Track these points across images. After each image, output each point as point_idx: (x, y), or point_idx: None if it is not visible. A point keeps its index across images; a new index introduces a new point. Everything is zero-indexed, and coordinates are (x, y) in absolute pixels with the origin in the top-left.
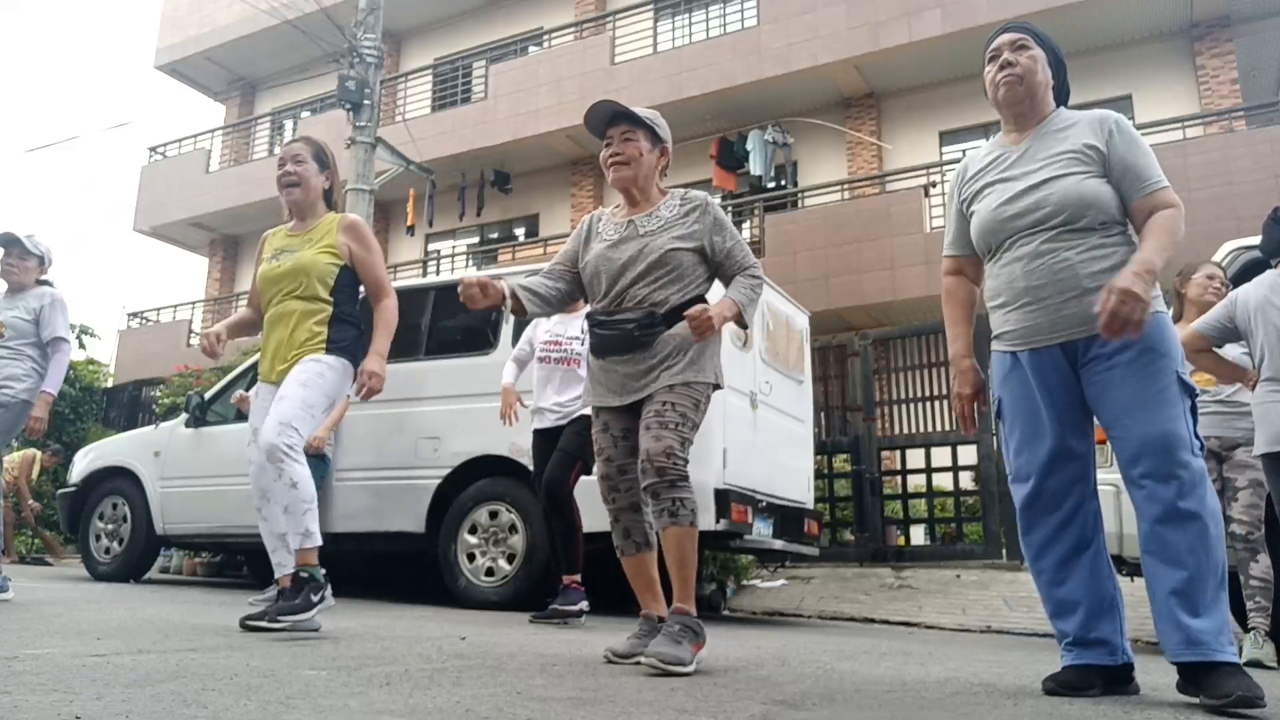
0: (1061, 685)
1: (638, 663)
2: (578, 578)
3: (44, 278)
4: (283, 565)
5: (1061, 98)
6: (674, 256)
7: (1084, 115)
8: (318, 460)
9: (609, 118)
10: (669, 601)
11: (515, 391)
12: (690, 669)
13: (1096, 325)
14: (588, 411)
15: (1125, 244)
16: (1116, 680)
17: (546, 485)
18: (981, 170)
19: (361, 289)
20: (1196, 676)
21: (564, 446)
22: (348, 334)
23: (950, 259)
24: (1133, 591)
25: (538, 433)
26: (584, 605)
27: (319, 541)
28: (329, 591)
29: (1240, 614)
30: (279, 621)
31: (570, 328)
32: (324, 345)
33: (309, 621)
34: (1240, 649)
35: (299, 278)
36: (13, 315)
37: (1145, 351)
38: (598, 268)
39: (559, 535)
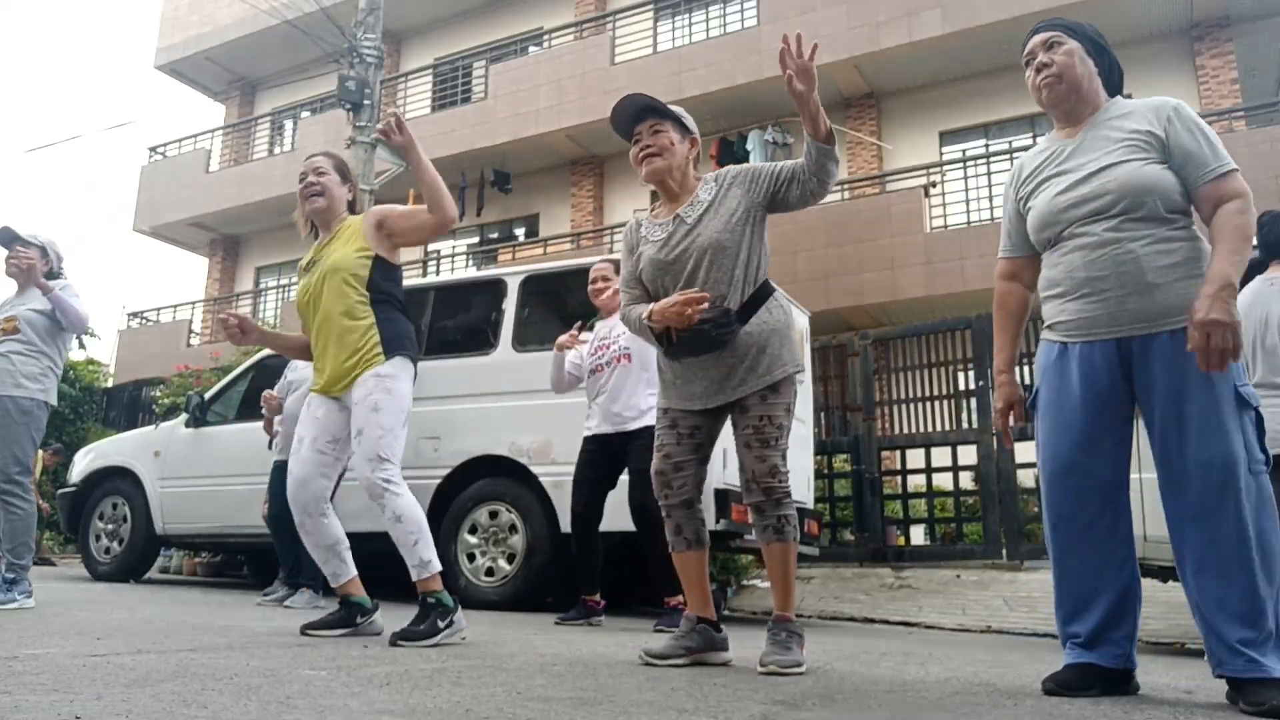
0: (1061, 685)
1: (673, 665)
2: (682, 597)
3: (59, 273)
4: (337, 575)
5: (1114, 82)
6: (728, 242)
7: (1141, 103)
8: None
9: (635, 114)
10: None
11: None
12: (804, 668)
13: (1192, 352)
14: (650, 422)
15: (1191, 238)
16: (1116, 683)
17: (642, 510)
18: (1038, 167)
19: (396, 284)
20: (1240, 687)
21: (643, 467)
22: (394, 319)
23: (1005, 261)
24: (1147, 593)
25: (590, 439)
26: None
27: (438, 568)
28: (459, 615)
29: None
30: (400, 643)
31: (615, 328)
32: (380, 350)
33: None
34: None
35: (332, 276)
36: (27, 309)
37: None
38: (655, 271)
39: (657, 556)
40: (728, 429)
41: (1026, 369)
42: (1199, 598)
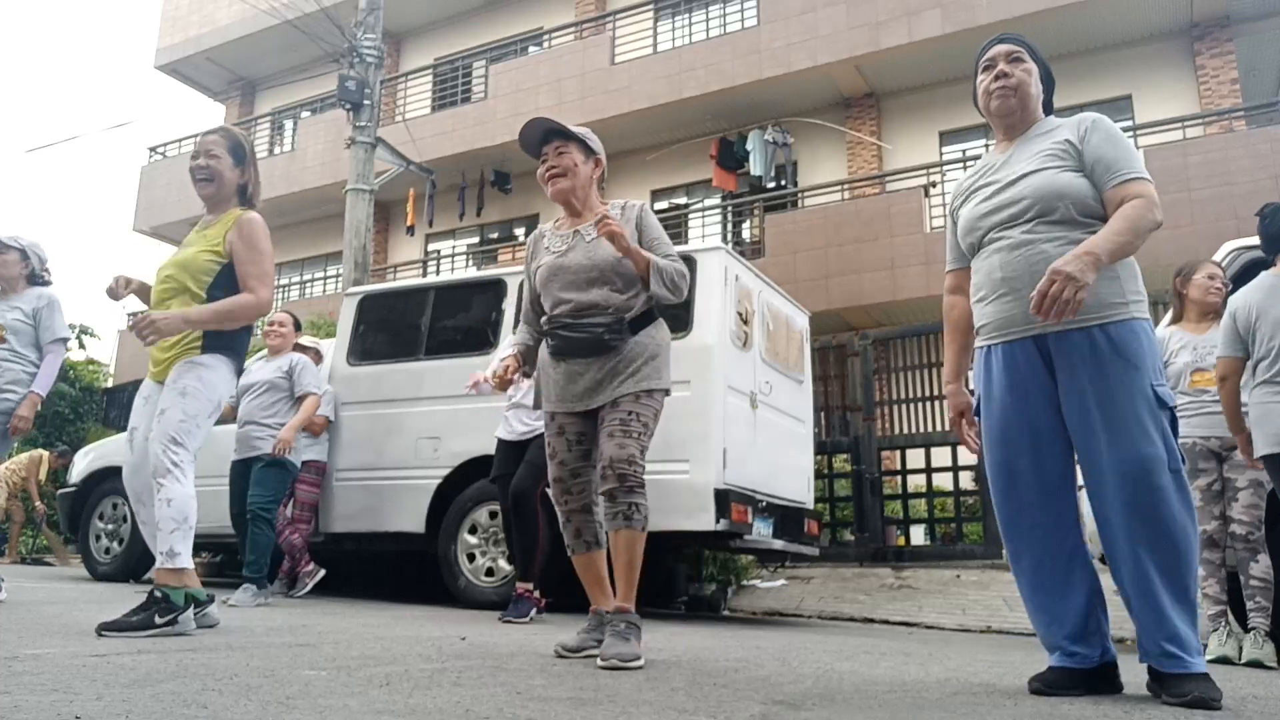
0: (1048, 685)
1: (589, 656)
2: (530, 586)
3: (43, 276)
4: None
5: (1047, 111)
6: (624, 265)
7: (1067, 120)
8: (279, 468)
9: (542, 136)
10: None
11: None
12: (641, 661)
13: (1097, 336)
14: None
15: None
16: (1101, 679)
17: (515, 496)
18: (970, 181)
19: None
20: (1162, 679)
21: (533, 459)
22: (222, 333)
23: (950, 275)
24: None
25: (504, 443)
26: (533, 615)
27: (186, 565)
28: (187, 616)
29: (1240, 614)
30: (104, 635)
31: None
32: (199, 344)
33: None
34: (1240, 649)
35: (176, 274)
36: (12, 318)
37: (1119, 363)
38: (550, 276)
39: (520, 545)
40: (728, 429)
41: None
42: (1130, 593)
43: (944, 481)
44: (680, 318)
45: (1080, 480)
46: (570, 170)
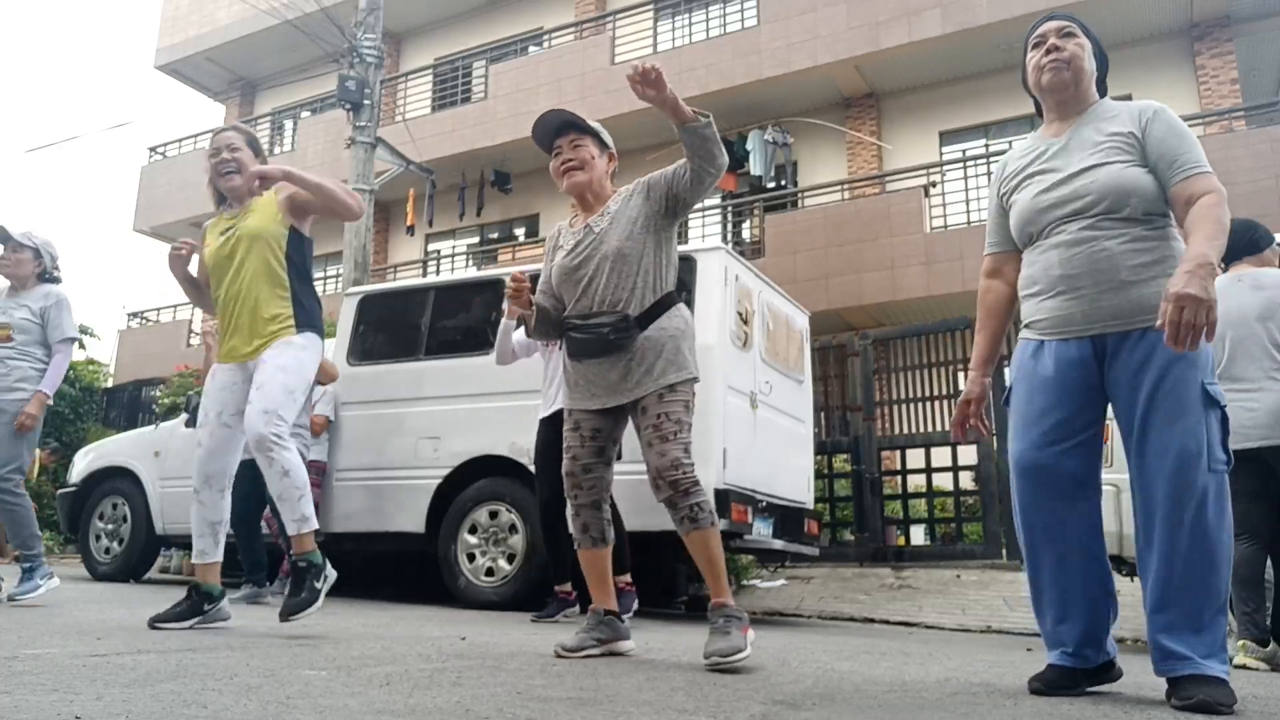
0: (1048, 685)
1: (588, 655)
2: (568, 586)
3: (54, 274)
4: (206, 554)
5: (1101, 92)
6: (628, 250)
7: (1125, 105)
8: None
9: (556, 128)
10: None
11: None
12: (748, 652)
13: (1162, 334)
14: None
15: (1168, 238)
16: (1100, 676)
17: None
18: (1022, 165)
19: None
20: (1173, 682)
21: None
22: (309, 293)
23: (989, 257)
24: (1131, 592)
25: (545, 421)
26: (570, 612)
27: (315, 525)
28: (328, 568)
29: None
30: (292, 619)
31: None
32: (293, 325)
33: (311, 606)
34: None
35: (251, 243)
36: (19, 316)
37: (1177, 359)
38: (563, 276)
39: (564, 542)
40: (728, 429)
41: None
42: (1153, 589)
43: (944, 481)
44: None
45: (1099, 480)
46: (587, 163)
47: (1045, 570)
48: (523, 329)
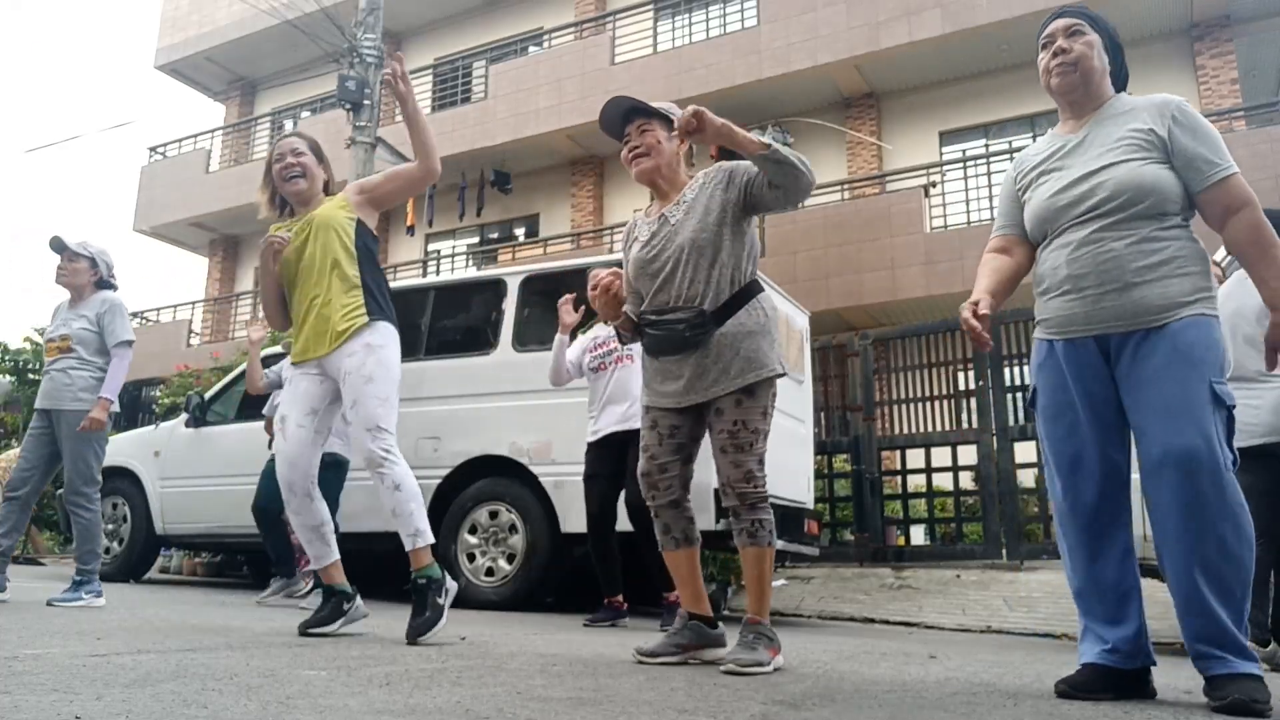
0: (1074, 688)
1: (665, 663)
2: (619, 596)
3: (110, 281)
4: (321, 558)
5: (1120, 82)
6: (704, 242)
7: (1144, 100)
8: (337, 468)
9: (624, 115)
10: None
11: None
12: (768, 670)
13: (1164, 336)
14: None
15: (1181, 237)
16: (1132, 685)
17: (637, 509)
18: (1038, 161)
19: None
20: (1208, 681)
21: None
22: (378, 278)
23: (998, 237)
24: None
25: (594, 445)
26: (622, 622)
27: (431, 539)
28: (448, 581)
29: None
30: (420, 641)
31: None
32: (364, 314)
33: (441, 623)
34: None
35: (321, 233)
36: (78, 327)
37: (1178, 357)
38: (639, 269)
39: (655, 556)
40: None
41: (1026, 368)
42: (1176, 590)
43: (944, 481)
44: None
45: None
46: (654, 149)
47: (1083, 566)
48: (569, 343)
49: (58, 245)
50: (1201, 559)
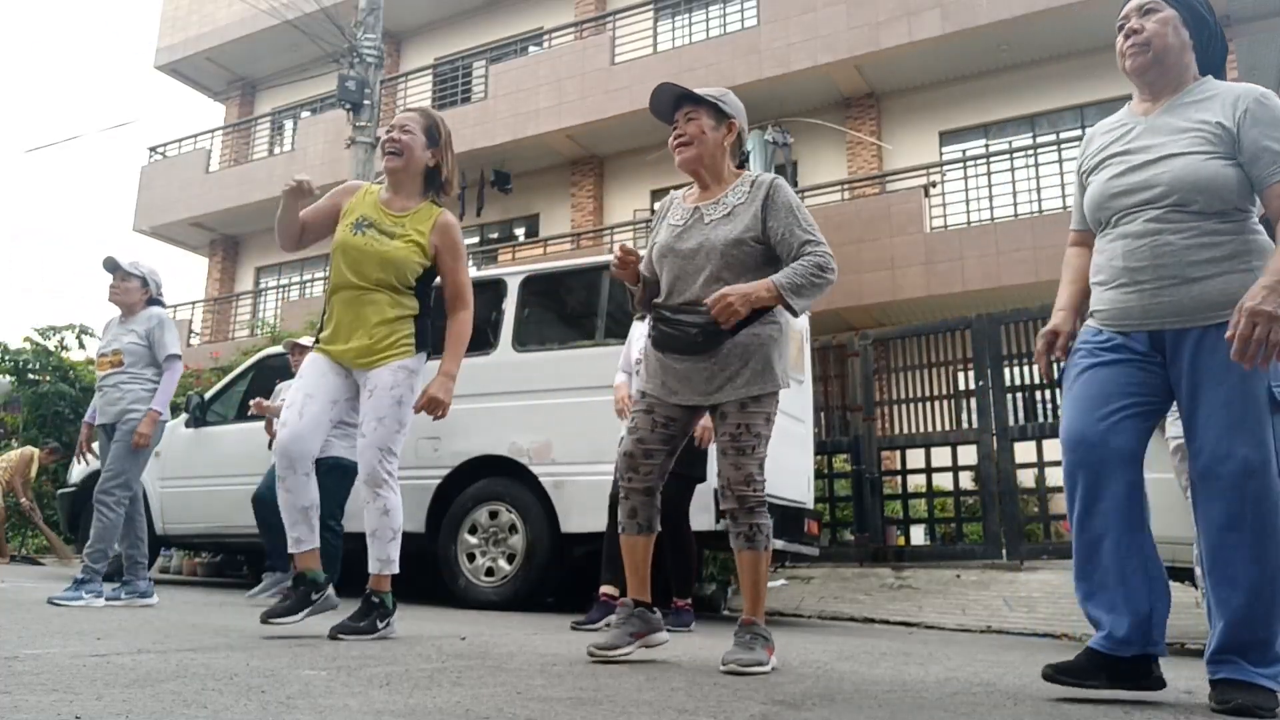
0: (1061, 671)
1: (622, 655)
2: (689, 600)
3: (159, 299)
4: (301, 541)
5: (1214, 59)
6: (736, 250)
7: (1226, 88)
8: (341, 471)
9: (673, 102)
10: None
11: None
12: (767, 670)
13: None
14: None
15: (1244, 232)
16: (1131, 673)
17: (668, 513)
18: (1105, 143)
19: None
20: (1215, 684)
21: (675, 469)
22: (424, 328)
23: (1074, 233)
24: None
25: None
26: (693, 627)
27: (396, 570)
28: (395, 619)
29: None
30: (338, 637)
31: None
32: (412, 342)
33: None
34: None
35: (387, 270)
36: (128, 342)
37: (1235, 361)
38: (663, 256)
39: (675, 558)
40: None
41: (1026, 368)
42: (1214, 595)
43: (944, 481)
44: None
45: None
46: (697, 138)
47: (1089, 543)
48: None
49: (111, 265)
50: (1245, 570)
